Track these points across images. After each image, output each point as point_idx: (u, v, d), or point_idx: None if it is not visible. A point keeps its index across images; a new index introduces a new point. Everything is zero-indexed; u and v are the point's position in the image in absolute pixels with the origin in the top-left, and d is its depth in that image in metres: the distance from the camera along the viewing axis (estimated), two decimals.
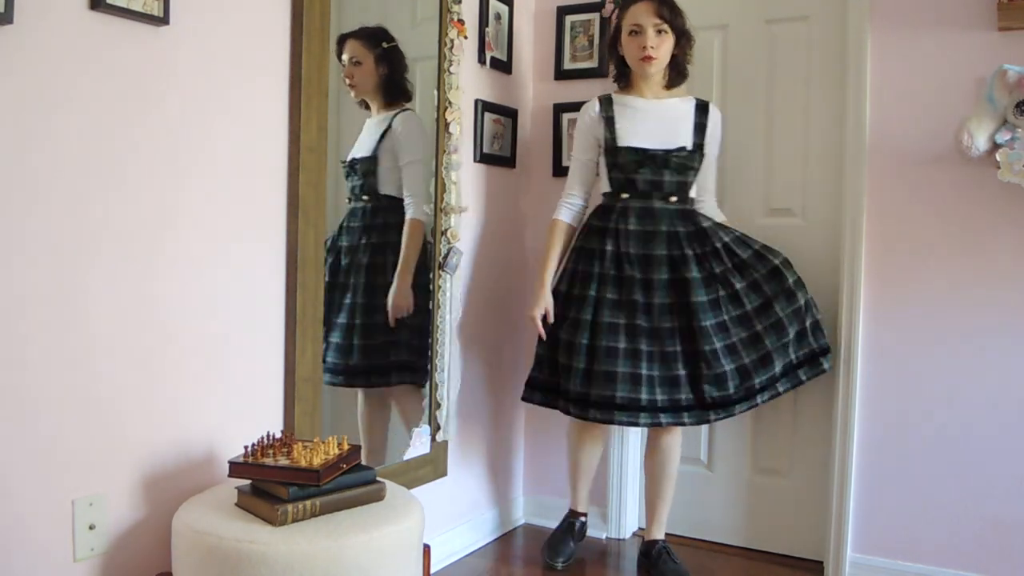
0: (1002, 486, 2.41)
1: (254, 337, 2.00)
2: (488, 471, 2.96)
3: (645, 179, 2.49)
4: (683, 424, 2.45)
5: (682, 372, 2.42)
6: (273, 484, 1.64)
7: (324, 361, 2.21)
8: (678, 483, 2.91)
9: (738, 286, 2.46)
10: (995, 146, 2.27)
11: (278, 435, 1.90)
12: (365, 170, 2.46)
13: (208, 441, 1.90)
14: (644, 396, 2.40)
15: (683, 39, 2.52)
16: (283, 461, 1.68)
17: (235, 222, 1.93)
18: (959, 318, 2.46)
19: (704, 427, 2.93)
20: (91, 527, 1.66)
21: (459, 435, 2.77)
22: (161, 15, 1.71)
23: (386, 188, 2.47)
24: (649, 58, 2.47)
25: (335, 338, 2.34)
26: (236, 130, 1.92)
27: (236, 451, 1.91)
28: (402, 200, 2.49)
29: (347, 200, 2.45)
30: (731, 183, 2.88)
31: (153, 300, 1.76)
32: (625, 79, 2.60)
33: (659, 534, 2.68)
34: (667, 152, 2.49)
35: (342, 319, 2.38)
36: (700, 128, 2.56)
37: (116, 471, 1.71)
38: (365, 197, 2.47)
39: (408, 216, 2.49)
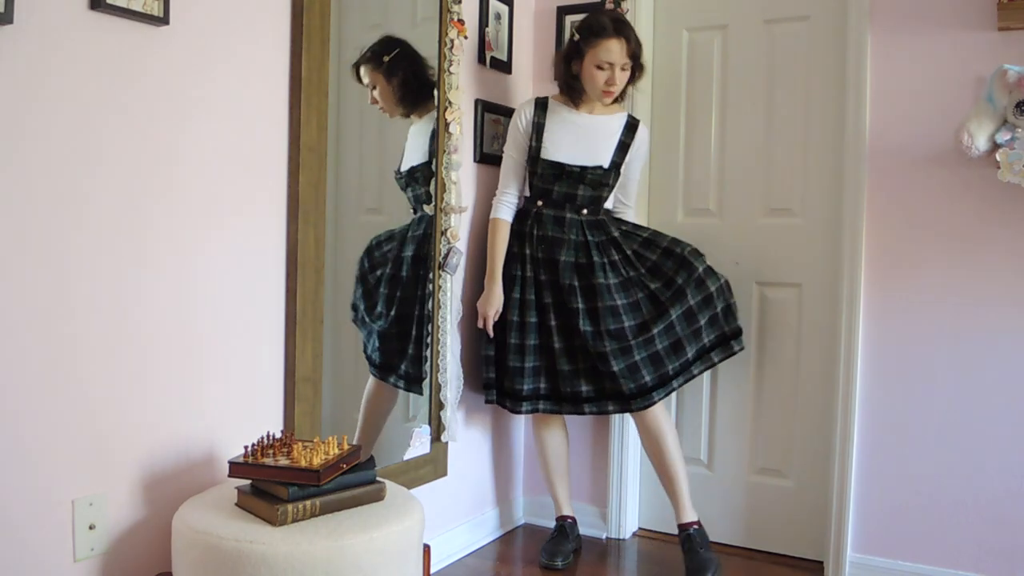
0: (1002, 486, 2.41)
1: (254, 337, 2.00)
2: (488, 471, 2.96)
3: (560, 191, 2.63)
4: (607, 413, 2.62)
5: (599, 366, 2.55)
6: (273, 484, 1.64)
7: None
8: None
9: (653, 287, 2.60)
10: (995, 146, 2.26)
11: (278, 435, 1.90)
12: (428, 176, 2.50)
13: (208, 441, 1.90)
14: (567, 388, 2.60)
15: (638, 71, 2.60)
16: (283, 461, 1.68)
17: (235, 222, 1.93)
18: (959, 318, 2.45)
19: (704, 427, 2.93)
20: (91, 527, 1.66)
21: (459, 435, 2.77)
22: (161, 15, 1.71)
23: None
24: (611, 93, 2.57)
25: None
26: (236, 130, 1.92)
27: (236, 451, 1.91)
28: None
29: (412, 211, 2.52)
30: (730, 183, 2.88)
31: (152, 300, 1.76)
32: (573, 94, 2.64)
33: (687, 516, 2.65)
34: (583, 169, 2.61)
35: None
36: (623, 147, 2.67)
37: (116, 471, 1.71)
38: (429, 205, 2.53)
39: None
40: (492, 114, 2.85)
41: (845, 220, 2.60)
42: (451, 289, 2.61)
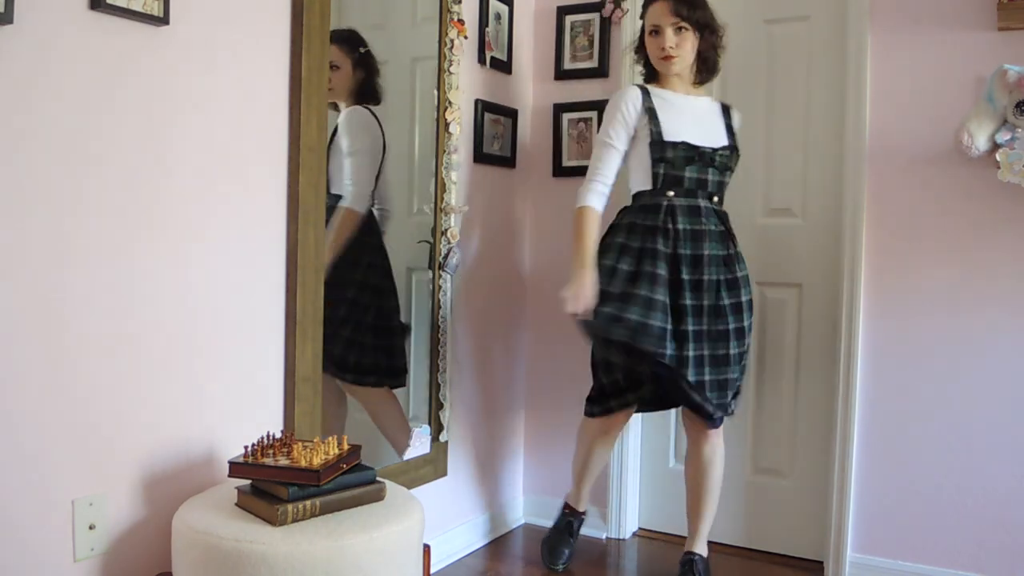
0: (1002, 486, 2.41)
1: (254, 337, 2.00)
2: (488, 471, 2.96)
3: (691, 177, 2.38)
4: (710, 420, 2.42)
5: (719, 375, 2.37)
6: (273, 484, 1.64)
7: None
8: (675, 482, 2.90)
9: (729, 300, 2.40)
10: (995, 146, 2.27)
11: (278, 435, 1.90)
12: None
13: (208, 441, 1.90)
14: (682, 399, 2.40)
15: (706, 33, 2.42)
16: (283, 461, 1.68)
17: (235, 222, 1.93)
18: (959, 318, 2.46)
19: None
20: (91, 527, 1.66)
21: (459, 435, 2.78)
22: (161, 15, 1.71)
23: (335, 187, 2.40)
24: (669, 57, 2.39)
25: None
26: (235, 130, 1.92)
27: (236, 451, 1.91)
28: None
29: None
30: (731, 183, 2.87)
31: (152, 300, 1.76)
32: (654, 78, 2.51)
33: (696, 547, 2.56)
34: (713, 150, 2.40)
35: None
36: (730, 129, 2.49)
37: (116, 471, 1.71)
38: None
39: (341, 204, 2.32)
40: (492, 114, 2.85)
41: (845, 220, 2.60)
42: (451, 289, 2.61)
